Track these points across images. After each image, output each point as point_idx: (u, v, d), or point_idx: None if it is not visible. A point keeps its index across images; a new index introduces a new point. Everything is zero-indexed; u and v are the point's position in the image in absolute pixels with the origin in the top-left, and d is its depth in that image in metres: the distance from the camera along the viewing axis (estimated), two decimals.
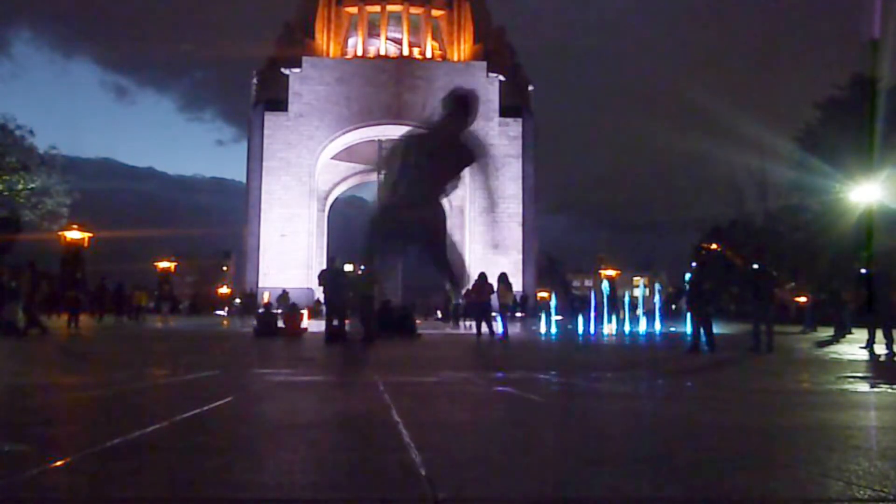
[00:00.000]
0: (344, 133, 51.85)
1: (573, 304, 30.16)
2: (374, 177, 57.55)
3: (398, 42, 57.12)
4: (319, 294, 23.80)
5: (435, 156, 5.60)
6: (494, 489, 2.59)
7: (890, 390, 7.32)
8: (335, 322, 16.28)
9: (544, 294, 33.31)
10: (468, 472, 2.84)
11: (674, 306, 47.46)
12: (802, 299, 39.04)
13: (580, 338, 23.27)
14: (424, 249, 5.90)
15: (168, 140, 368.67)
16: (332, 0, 56.74)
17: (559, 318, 30.63)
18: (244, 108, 57.44)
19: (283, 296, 35.73)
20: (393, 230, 5.69)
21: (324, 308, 18.87)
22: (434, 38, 57.64)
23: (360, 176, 60.66)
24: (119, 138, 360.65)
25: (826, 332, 24.85)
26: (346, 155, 56.89)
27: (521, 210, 52.03)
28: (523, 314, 32.00)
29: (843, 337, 21.50)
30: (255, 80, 54.53)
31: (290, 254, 49.92)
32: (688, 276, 15.98)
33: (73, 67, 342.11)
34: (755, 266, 15.75)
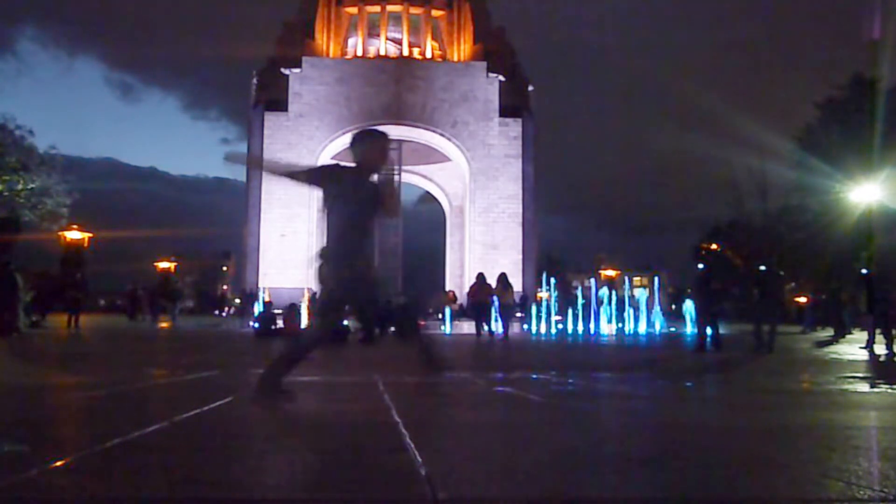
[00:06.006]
0: (344, 133, 51.77)
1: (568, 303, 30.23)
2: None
3: (398, 42, 57.08)
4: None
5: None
6: (494, 489, 2.58)
7: (890, 390, 7.32)
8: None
9: (544, 294, 33.32)
10: (468, 472, 2.84)
11: (674, 306, 47.40)
12: (802, 299, 39.06)
13: (580, 338, 23.26)
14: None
15: (172, 139, 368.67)
16: (332, 0, 56.70)
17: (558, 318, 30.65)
18: (246, 107, 57.41)
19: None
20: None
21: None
22: (434, 39, 57.60)
23: None
24: (122, 138, 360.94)
25: (826, 332, 24.89)
26: (347, 155, 56.83)
27: (521, 210, 51.98)
28: (522, 315, 32.04)
29: (843, 337, 21.53)
30: (254, 81, 54.49)
31: (290, 254, 49.89)
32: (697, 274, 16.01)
33: (78, 65, 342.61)
34: (762, 267, 15.79)
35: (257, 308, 29.62)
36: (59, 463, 2.87)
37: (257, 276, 49.22)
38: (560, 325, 30.11)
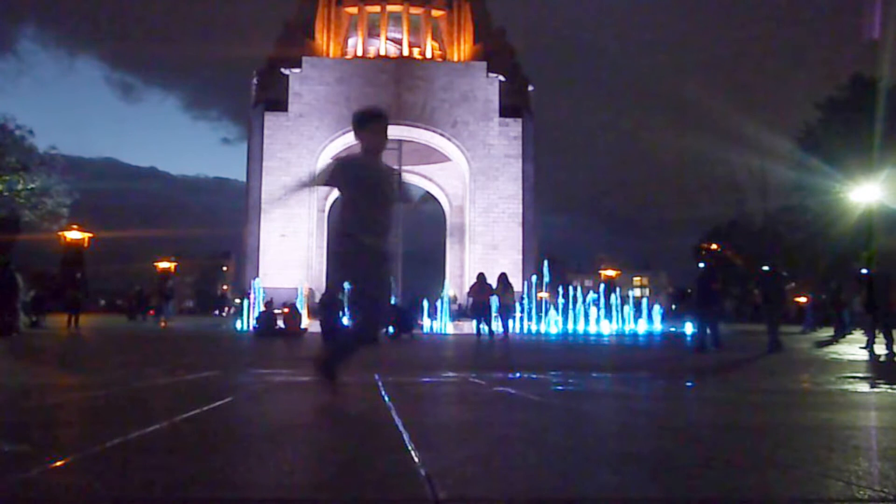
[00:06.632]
0: (344, 133, 51.77)
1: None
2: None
3: (398, 42, 57.08)
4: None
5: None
6: (494, 489, 2.58)
7: (890, 390, 7.32)
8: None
9: (544, 294, 33.35)
10: (468, 472, 2.84)
11: (674, 306, 47.43)
12: (802, 299, 39.06)
13: (579, 337, 23.27)
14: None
15: (172, 139, 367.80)
16: (332, 0, 56.70)
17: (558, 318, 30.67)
18: (246, 107, 57.41)
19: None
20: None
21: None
22: (434, 39, 57.60)
23: None
24: (123, 138, 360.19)
25: (826, 332, 24.88)
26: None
27: (521, 210, 51.98)
28: (521, 314, 32.05)
29: (843, 337, 21.53)
30: (255, 81, 54.49)
31: (290, 254, 49.88)
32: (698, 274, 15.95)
33: (78, 65, 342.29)
34: (765, 268, 15.79)
35: (248, 308, 29.58)
36: (59, 463, 2.87)
37: (257, 275, 49.25)
38: (553, 325, 30.11)
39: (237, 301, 50.48)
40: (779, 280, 15.64)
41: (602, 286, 34.33)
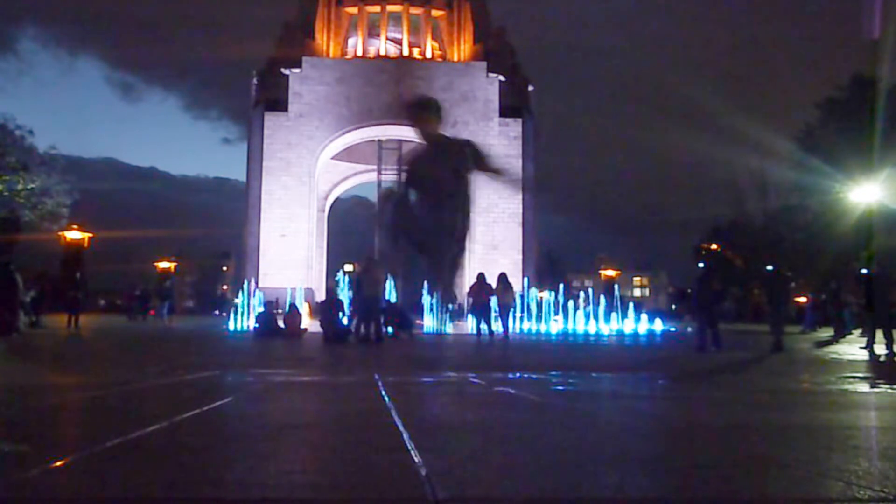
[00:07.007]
0: (344, 133, 51.81)
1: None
2: (374, 177, 57.59)
3: (398, 42, 57.06)
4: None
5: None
6: (494, 489, 2.59)
7: (890, 390, 7.32)
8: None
9: (545, 294, 33.38)
10: (468, 472, 2.84)
11: (674, 306, 47.42)
12: (802, 299, 39.06)
13: (579, 338, 23.27)
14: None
15: (172, 139, 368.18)
16: (332, 0, 56.69)
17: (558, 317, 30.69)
18: (246, 107, 57.39)
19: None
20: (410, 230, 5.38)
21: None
22: (434, 39, 57.58)
23: (360, 176, 60.61)
24: (122, 138, 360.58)
25: (826, 332, 24.88)
26: (347, 155, 56.85)
27: (521, 210, 51.98)
28: (522, 314, 32.02)
29: (843, 337, 21.53)
30: (255, 81, 54.48)
31: (290, 254, 49.87)
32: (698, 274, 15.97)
33: (79, 65, 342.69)
34: (769, 268, 15.83)
35: (243, 308, 29.48)
36: (59, 463, 2.87)
37: (257, 276, 49.24)
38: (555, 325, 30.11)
39: (236, 301, 50.57)
40: (783, 281, 15.67)
41: (602, 288, 34.35)
